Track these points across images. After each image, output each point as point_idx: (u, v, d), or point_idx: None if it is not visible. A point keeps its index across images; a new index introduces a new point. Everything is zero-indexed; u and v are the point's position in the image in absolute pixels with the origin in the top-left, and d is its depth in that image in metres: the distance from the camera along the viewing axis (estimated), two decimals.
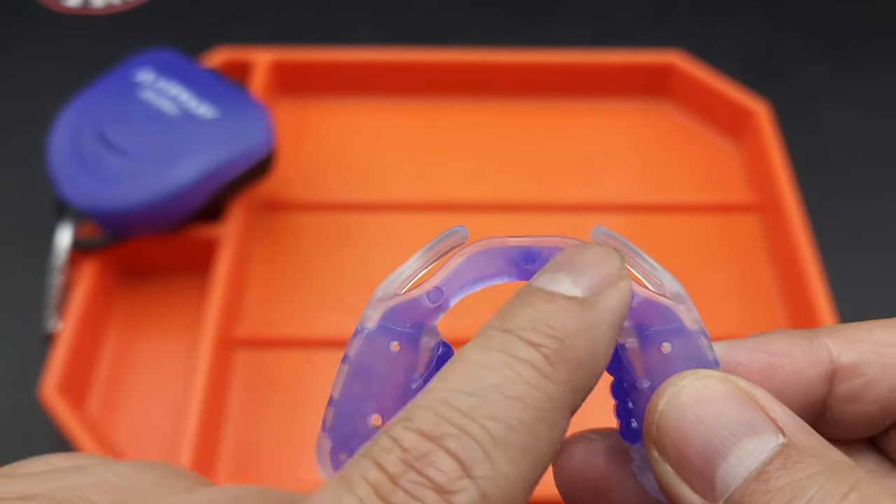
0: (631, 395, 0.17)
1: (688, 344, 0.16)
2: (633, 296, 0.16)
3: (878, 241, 0.48)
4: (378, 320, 0.16)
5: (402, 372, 0.16)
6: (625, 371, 0.17)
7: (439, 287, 0.17)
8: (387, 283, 0.17)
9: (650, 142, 0.52)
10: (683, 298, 0.17)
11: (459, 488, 0.13)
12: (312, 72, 0.52)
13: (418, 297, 0.17)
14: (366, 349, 0.16)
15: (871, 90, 0.56)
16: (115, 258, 0.44)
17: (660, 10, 0.61)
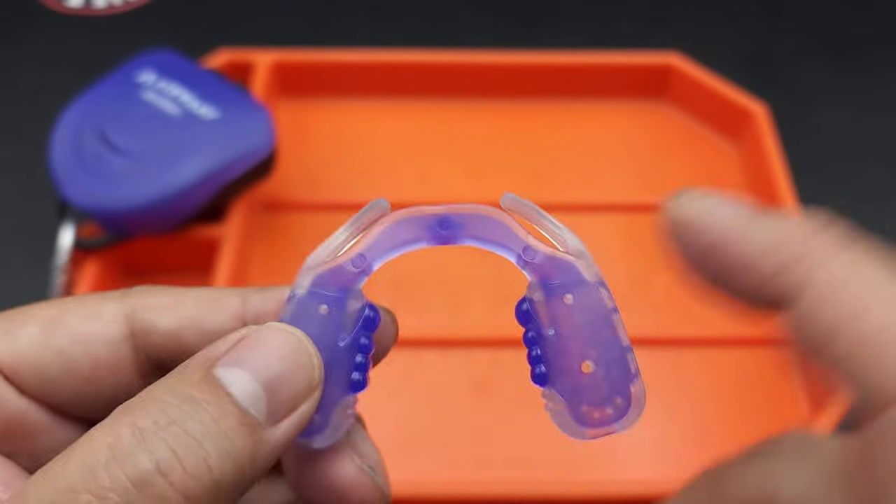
0: (539, 343, 0.18)
1: (588, 294, 0.18)
2: (536, 253, 0.18)
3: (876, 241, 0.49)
4: (308, 286, 0.18)
5: (331, 332, 0.18)
6: (532, 322, 0.18)
7: (363, 254, 0.18)
8: (316, 253, 0.19)
9: (649, 143, 0.52)
10: (584, 254, 0.18)
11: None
12: (313, 73, 0.52)
13: (343, 264, 0.18)
14: (298, 313, 0.18)
15: (869, 91, 0.56)
16: (117, 258, 0.44)
17: (658, 12, 0.61)
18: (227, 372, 0.16)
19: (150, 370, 0.19)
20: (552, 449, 0.40)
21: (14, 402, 0.18)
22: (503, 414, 0.41)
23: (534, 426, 0.40)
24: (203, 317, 0.19)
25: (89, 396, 0.19)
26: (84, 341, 0.18)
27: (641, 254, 0.47)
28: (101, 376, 0.18)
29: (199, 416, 0.15)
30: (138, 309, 0.19)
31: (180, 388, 0.16)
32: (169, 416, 0.15)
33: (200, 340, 0.19)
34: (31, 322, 0.18)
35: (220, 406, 0.15)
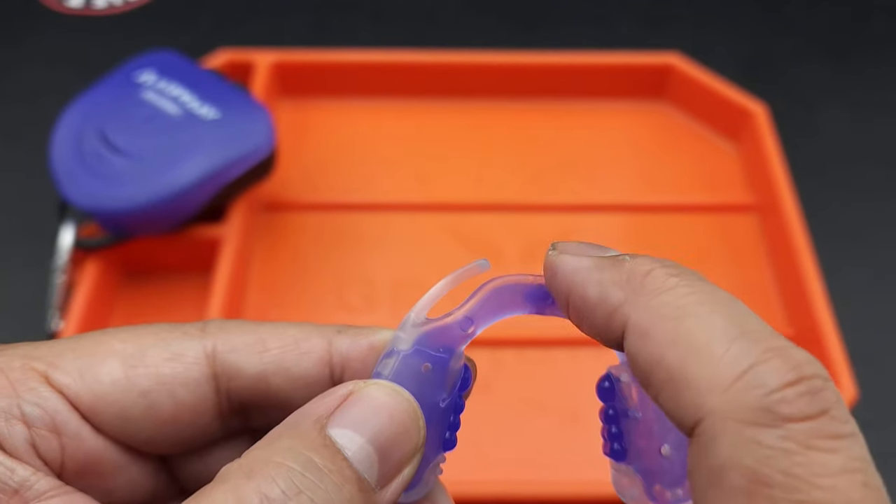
0: (619, 421, 0.19)
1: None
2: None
3: (876, 242, 0.49)
4: (412, 343, 0.18)
5: (431, 391, 0.18)
6: (616, 401, 0.19)
7: (469, 317, 0.19)
8: (418, 308, 0.19)
9: (649, 143, 0.52)
10: None
11: None
12: (313, 73, 0.52)
13: (451, 325, 0.18)
14: (401, 370, 0.18)
15: (869, 92, 0.56)
16: (117, 258, 0.44)
17: (658, 12, 0.61)
18: (341, 433, 0.16)
19: (230, 411, 0.19)
20: (552, 449, 0.40)
21: (91, 442, 0.18)
22: (503, 414, 0.41)
23: (534, 426, 0.40)
24: (289, 360, 0.19)
25: (168, 437, 0.18)
26: (168, 383, 0.18)
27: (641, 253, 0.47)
28: (183, 418, 0.18)
29: (324, 485, 0.15)
30: (220, 350, 0.19)
31: (300, 452, 0.15)
32: (296, 485, 0.15)
33: (288, 386, 0.19)
34: (110, 358, 0.18)
35: (340, 472, 0.15)
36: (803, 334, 0.42)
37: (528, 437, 0.40)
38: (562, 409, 0.41)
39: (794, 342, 0.15)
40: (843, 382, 0.39)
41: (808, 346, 0.42)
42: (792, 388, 0.14)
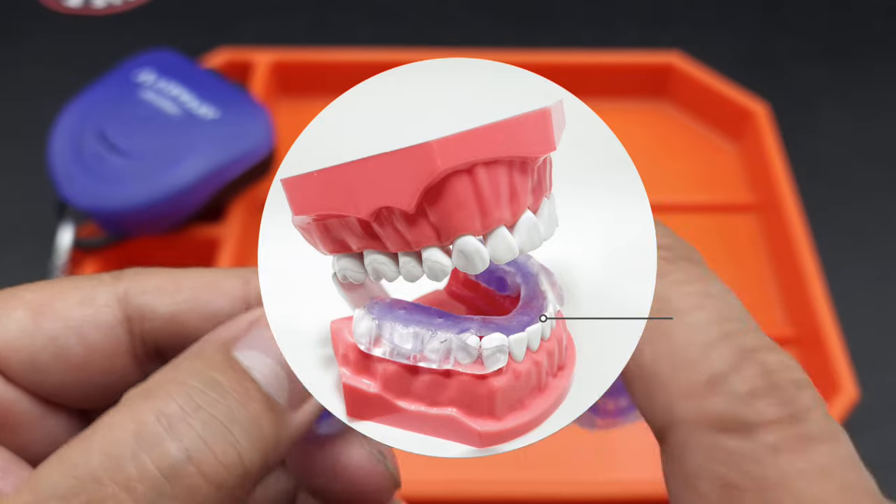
0: None
1: None
2: None
3: (876, 241, 0.49)
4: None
5: None
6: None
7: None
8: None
9: (649, 142, 0.52)
10: None
11: None
12: (313, 72, 0.52)
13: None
14: None
15: (869, 91, 0.56)
16: (116, 258, 0.44)
17: (659, 12, 0.61)
18: (247, 355, 0.16)
19: (146, 355, 0.18)
20: (552, 449, 0.39)
21: (1, 391, 0.17)
22: None
23: None
24: (203, 300, 0.18)
25: (81, 384, 0.18)
26: (77, 326, 0.17)
27: None
28: (95, 363, 0.18)
29: (227, 402, 0.15)
30: (133, 292, 0.18)
31: (204, 372, 0.15)
32: (195, 401, 0.14)
33: (203, 324, 0.18)
34: (19, 306, 0.17)
35: (245, 391, 0.15)
36: (804, 334, 0.42)
37: None
38: None
39: (795, 341, 0.15)
40: (843, 382, 0.39)
41: (808, 346, 0.42)
42: (762, 396, 0.14)
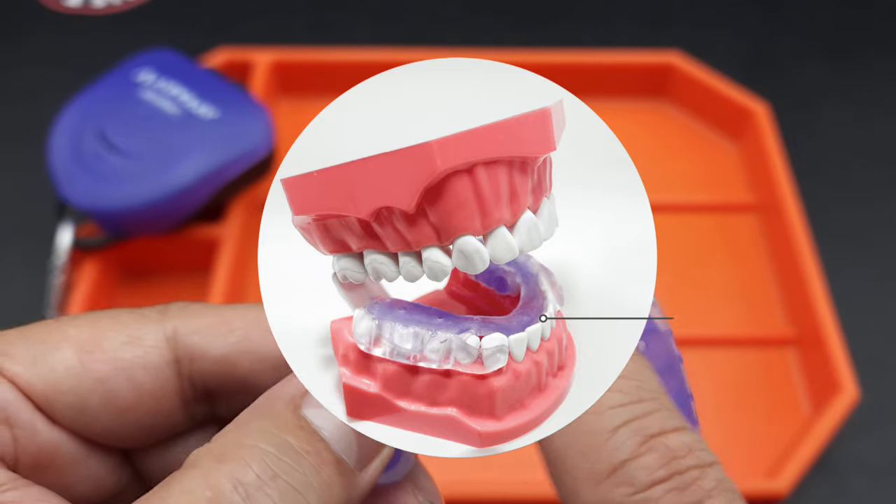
0: None
1: (659, 342, 0.18)
2: None
3: (877, 241, 0.49)
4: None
5: None
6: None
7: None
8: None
9: (650, 142, 0.52)
10: (655, 304, 0.18)
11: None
12: (312, 72, 0.52)
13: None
14: None
15: (870, 91, 0.56)
16: (116, 258, 0.44)
17: (659, 11, 0.61)
18: (316, 414, 0.15)
19: (195, 396, 0.18)
20: None
21: (46, 434, 0.17)
22: None
23: None
24: (256, 341, 0.17)
25: (127, 426, 0.17)
26: (127, 368, 0.17)
27: None
28: (143, 405, 0.17)
29: (302, 468, 0.14)
30: (182, 332, 0.17)
31: (276, 434, 0.15)
32: (271, 469, 0.14)
33: (255, 366, 0.17)
34: (64, 345, 0.17)
35: (318, 454, 0.15)
36: (804, 334, 0.42)
37: None
38: None
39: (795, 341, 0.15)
40: (843, 382, 0.39)
41: (808, 346, 0.41)
42: (660, 486, 0.14)
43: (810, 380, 0.41)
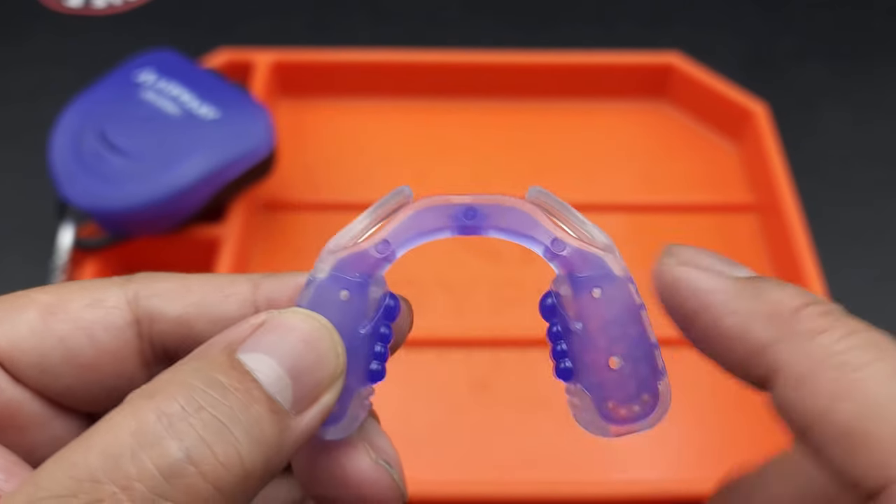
0: (565, 337, 0.18)
1: (617, 288, 0.18)
2: (565, 246, 0.18)
3: (876, 242, 0.49)
4: (329, 270, 0.18)
5: (352, 319, 0.17)
6: (558, 316, 0.18)
7: (387, 240, 0.18)
8: (337, 237, 0.18)
9: (649, 142, 0.52)
10: (612, 249, 0.18)
11: None
12: (313, 73, 0.52)
13: (367, 249, 0.18)
14: (317, 297, 0.17)
15: (869, 91, 0.56)
16: (117, 258, 0.44)
17: (659, 12, 0.61)
18: (251, 357, 0.15)
19: (154, 358, 0.18)
20: (552, 449, 0.39)
21: (8, 392, 0.17)
22: (503, 414, 0.41)
23: (534, 427, 0.40)
24: (212, 303, 0.18)
25: (90, 386, 0.18)
26: (87, 328, 0.17)
27: (642, 254, 0.46)
28: (104, 364, 0.18)
29: (229, 402, 0.14)
30: (143, 295, 0.18)
31: (206, 372, 0.15)
32: (197, 401, 0.14)
33: (211, 328, 0.18)
34: (30, 307, 0.17)
35: (248, 392, 0.15)
36: None
37: (527, 438, 0.40)
38: (562, 409, 0.41)
39: None
40: None
41: None
42: None
43: None
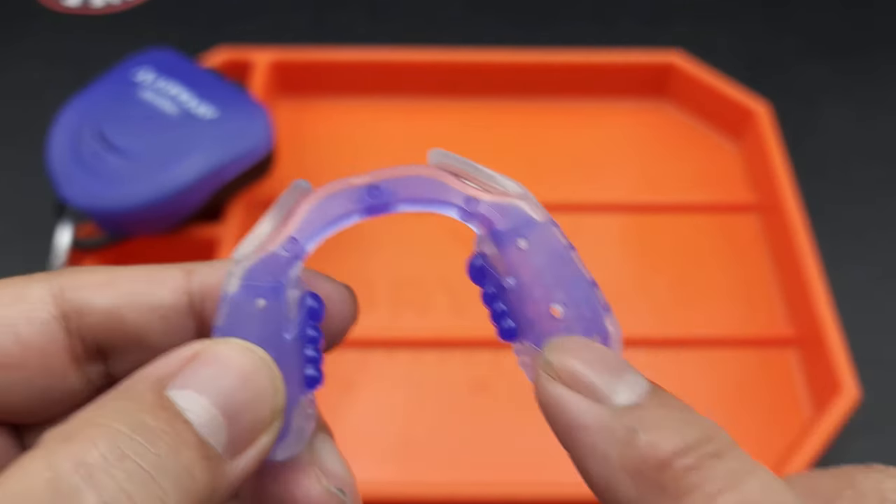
0: (501, 296, 0.17)
1: (541, 234, 0.17)
2: (479, 202, 0.17)
3: (879, 240, 0.48)
4: (239, 282, 0.17)
5: (274, 327, 0.16)
6: (489, 277, 0.17)
7: (293, 236, 0.17)
8: (242, 245, 0.17)
9: (650, 142, 0.52)
10: (528, 196, 0.18)
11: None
12: (312, 72, 0.52)
13: (274, 251, 0.17)
14: (233, 313, 0.16)
15: (871, 90, 0.56)
16: (115, 258, 0.44)
17: (660, 10, 0.61)
18: (182, 395, 0.14)
19: (86, 354, 0.17)
20: (552, 450, 0.39)
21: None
22: (503, 415, 0.41)
23: (534, 427, 0.40)
24: (143, 292, 0.17)
25: (17, 388, 0.16)
26: (11, 325, 0.16)
27: (642, 253, 0.46)
28: (31, 362, 0.16)
29: (156, 448, 0.13)
30: (68, 288, 0.17)
31: (131, 413, 0.13)
32: (120, 448, 0.13)
33: (143, 318, 0.17)
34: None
35: (177, 435, 0.13)
36: (805, 334, 0.42)
37: (527, 439, 0.40)
38: None
39: (796, 341, 0.15)
40: (844, 382, 0.38)
41: (809, 346, 0.41)
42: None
43: (811, 380, 0.41)
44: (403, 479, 0.38)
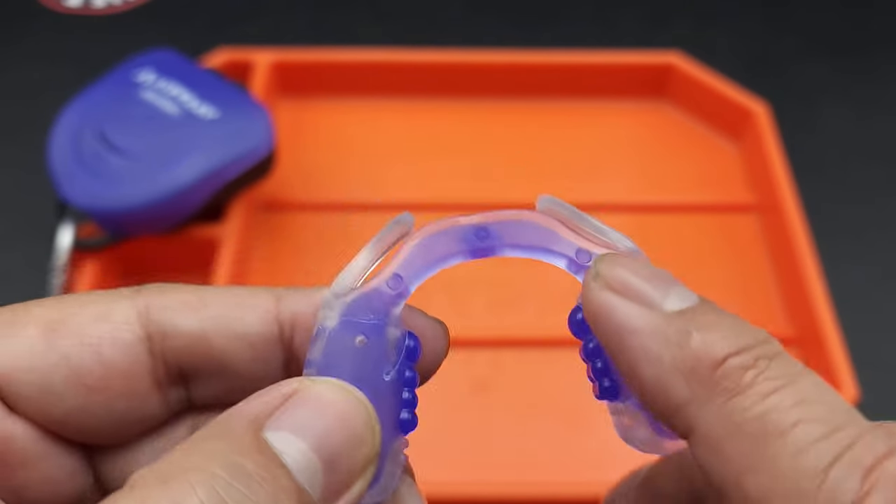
0: (603, 354, 0.17)
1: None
2: (591, 256, 0.17)
3: (877, 240, 0.49)
4: (338, 317, 0.16)
5: (373, 366, 0.16)
6: (591, 332, 0.17)
7: (398, 273, 0.16)
8: (340, 278, 0.16)
9: (650, 142, 0.52)
10: (640, 254, 0.17)
11: None
12: (313, 72, 0.52)
13: (378, 287, 0.16)
14: (331, 348, 0.16)
15: (870, 90, 0.56)
16: (116, 258, 0.44)
17: (660, 11, 0.61)
18: (280, 438, 0.14)
19: (168, 378, 0.17)
20: (552, 450, 0.39)
21: (1, 423, 0.15)
22: (503, 414, 0.41)
23: (534, 427, 0.40)
24: (231, 317, 0.16)
25: (95, 410, 0.16)
26: (94, 344, 0.15)
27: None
28: (113, 385, 0.16)
29: (256, 497, 0.13)
30: (154, 307, 0.16)
31: (229, 456, 0.13)
32: (219, 494, 0.12)
33: (230, 344, 0.16)
34: (29, 323, 0.15)
35: (275, 482, 0.13)
36: (804, 334, 0.42)
37: (528, 438, 0.40)
38: (562, 409, 0.41)
39: (795, 341, 0.14)
40: (844, 382, 0.39)
41: (808, 346, 0.41)
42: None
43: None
44: None
